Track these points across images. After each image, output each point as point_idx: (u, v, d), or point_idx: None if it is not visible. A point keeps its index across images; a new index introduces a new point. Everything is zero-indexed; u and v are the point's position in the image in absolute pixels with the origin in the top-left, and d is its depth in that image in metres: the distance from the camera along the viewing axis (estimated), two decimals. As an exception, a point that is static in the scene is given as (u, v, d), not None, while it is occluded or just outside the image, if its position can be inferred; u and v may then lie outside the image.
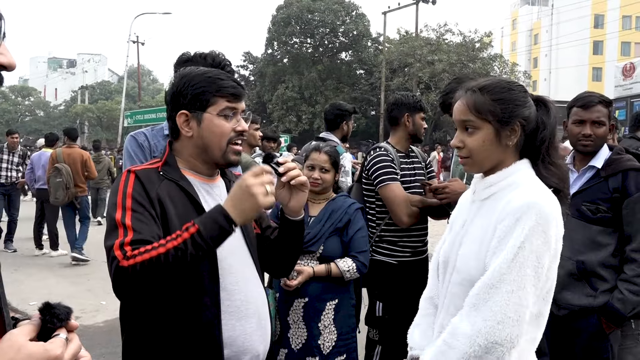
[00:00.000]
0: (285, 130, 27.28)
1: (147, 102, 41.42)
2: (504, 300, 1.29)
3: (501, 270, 1.30)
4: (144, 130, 2.45)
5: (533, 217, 1.31)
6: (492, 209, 1.42)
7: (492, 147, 1.44)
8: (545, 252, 1.32)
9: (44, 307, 0.86)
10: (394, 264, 2.86)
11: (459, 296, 1.42)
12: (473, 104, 1.44)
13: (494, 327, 1.28)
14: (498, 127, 1.43)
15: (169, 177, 1.49)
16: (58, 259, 7.61)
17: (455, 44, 25.79)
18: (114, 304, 5.31)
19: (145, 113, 24.61)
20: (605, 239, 2.30)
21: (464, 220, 1.53)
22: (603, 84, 42.37)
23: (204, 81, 1.50)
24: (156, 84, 68.92)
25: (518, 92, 1.46)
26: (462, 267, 1.44)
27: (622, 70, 18.63)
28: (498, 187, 1.45)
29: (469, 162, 1.48)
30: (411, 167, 2.98)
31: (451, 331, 1.36)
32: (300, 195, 1.59)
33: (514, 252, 1.30)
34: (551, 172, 1.44)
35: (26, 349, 0.80)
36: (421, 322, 1.64)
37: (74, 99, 56.64)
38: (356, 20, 30.56)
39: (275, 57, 32.18)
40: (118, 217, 1.39)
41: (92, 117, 46.73)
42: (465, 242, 1.47)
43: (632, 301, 2.20)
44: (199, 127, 1.50)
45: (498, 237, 1.35)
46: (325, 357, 2.47)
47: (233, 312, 1.49)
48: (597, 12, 46.01)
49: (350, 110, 3.94)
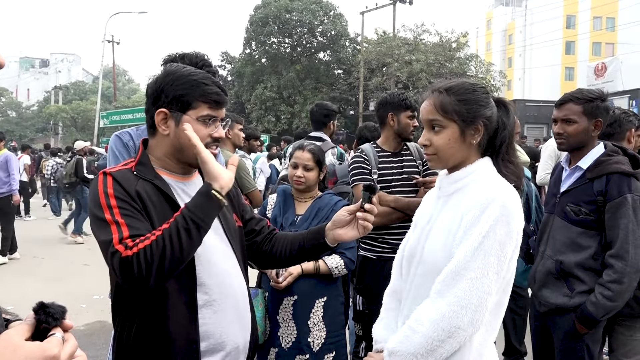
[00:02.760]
0: (264, 130, 27.13)
1: (123, 102, 40.82)
2: (467, 286, 1.34)
3: (466, 258, 1.35)
4: (128, 130, 2.43)
5: (497, 208, 1.37)
6: (457, 202, 1.48)
7: (457, 145, 1.50)
8: (508, 242, 1.38)
9: (39, 306, 0.85)
10: (373, 259, 2.90)
11: (424, 287, 1.46)
12: (440, 104, 1.51)
13: (457, 312, 1.33)
14: (463, 126, 1.49)
15: (143, 176, 1.49)
16: (34, 261, 7.46)
17: (432, 44, 25.99)
18: (93, 307, 5.25)
19: (121, 113, 24.29)
20: (586, 241, 2.26)
21: (429, 215, 1.57)
22: (575, 83, 43.26)
23: (188, 83, 1.49)
24: (132, 84, 67.95)
25: (481, 93, 1.53)
26: (429, 258, 1.49)
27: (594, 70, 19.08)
28: (463, 183, 1.51)
29: (435, 159, 1.55)
30: (399, 167, 2.98)
31: (416, 317, 1.41)
32: (354, 233, 1.61)
33: (479, 241, 1.35)
34: (509, 169, 1.52)
35: (23, 349, 0.78)
36: (384, 316, 1.68)
37: (47, 99, 55.45)
38: (334, 20, 30.58)
39: (253, 57, 31.99)
40: (107, 217, 1.38)
41: (66, 118, 45.80)
42: (432, 235, 1.51)
43: (605, 306, 2.17)
44: (176, 128, 1.49)
45: (464, 227, 1.40)
46: (315, 354, 2.47)
47: (210, 306, 1.49)
48: (569, 13, 46.99)
49: (336, 110, 4.04)
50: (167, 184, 1.52)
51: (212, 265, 1.51)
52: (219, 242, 1.57)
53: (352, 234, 1.60)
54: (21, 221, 11.70)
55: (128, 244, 1.33)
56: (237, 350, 1.55)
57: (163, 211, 1.46)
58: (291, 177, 2.65)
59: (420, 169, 3.03)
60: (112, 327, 1.60)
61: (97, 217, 1.40)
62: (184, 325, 1.44)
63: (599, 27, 45.96)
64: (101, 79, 30.98)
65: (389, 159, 2.98)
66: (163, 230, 1.36)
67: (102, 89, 32.07)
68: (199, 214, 1.38)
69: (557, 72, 47.51)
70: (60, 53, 74.68)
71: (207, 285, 1.49)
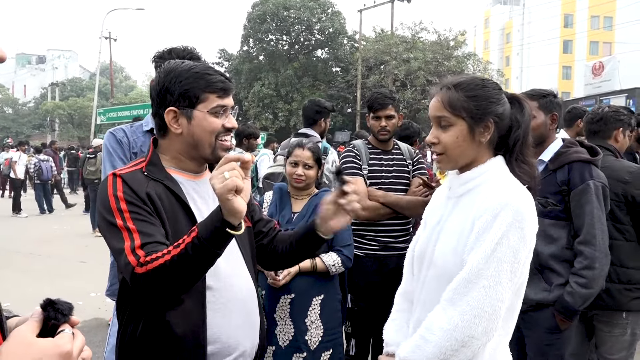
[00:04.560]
0: (262, 127, 27.07)
1: (120, 99, 40.61)
2: (481, 294, 1.30)
3: (479, 266, 1.32)
4: (123, 127, 2.42)
5: (510, 213, 1.33)
6: (469, 205, 1.44)
7: (466, 143, 1.45)
8: (521, 248, 1.34)
9: (47, 303, 0.85)
10: (361, 256, 2.90)
11: (435, 291, 1.43)
12: (447, 100, 1.46)
13: (471, 321, 1.30)
14: (471, 123, 1.44)
15: (154, 177, 1.47)
16: (30, 259, 7.44)
17: (430, 42, 26.01)
18: (90, 305, 5.24)
19: (118, 110, 24.18)
20: (557, 232, 2.30)
21: (439, 216, 1.54)
22: (572, 82, 43.40)
23: (191, 77, 1.46)
24: (129, 81, 67.73)
25: (492, 89, 1.48)
26: (439, 261, 1.45)
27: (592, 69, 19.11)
28: (474, 184, 1.46)
29: (444, 159, 1.50)
30: (389, 164, 2.99)
31: (428, 325, 1.37)
32: (345, 219, 1.57)
33: (492, 248, 1.32)
34: (523, 170, 1.47)
35: (37, 345, 0.79)
36: (396, 317, 1.65)
37: (43, 95, 55.15)
38: (332, 17, 30.54)
39: (251, 54, 31.95)
40: (119, 222, 1.37)
41: (63, 115, 45.58)
42: (442, 237, 1.47)
43: (582, 294, 2.18)
44: (189, 124, 1.47)
45: (476, 232, 1.36)
46: (313, 352, 2.47)
47: (218, 309, 1.47)
48: (566, 11, 47.06)
49: (329, 108, 3.94)
50: (177, 183, 1.50)
51: (220, 268, 1.48)
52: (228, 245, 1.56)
53: (343, 221, 1.57)
54: (15, 218, 11.68)
55: (140, 260, 1.32)
56: (245, 355, 1.54)
57: (174, 212, 1.44)
58: (291, 175, 2.65)
59: (410, 169, 3.04)
60: (108, 324, 1.60)
61: (108, 221, 1.38)
62: (191, 328, 1.43)
63: (596, 26, 46.04)
64: (98, 75, 30.87)
65: (380, 156, 3.00)
66: (174, 255, 1.31)
67: (99, 85, 31.96)
68: (208, 244, 1.30)
69: (555, 71, 47.57)
70: (57, 49, 74.30)
71: (215, 289, 1.48)
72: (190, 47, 2.32)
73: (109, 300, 3.10)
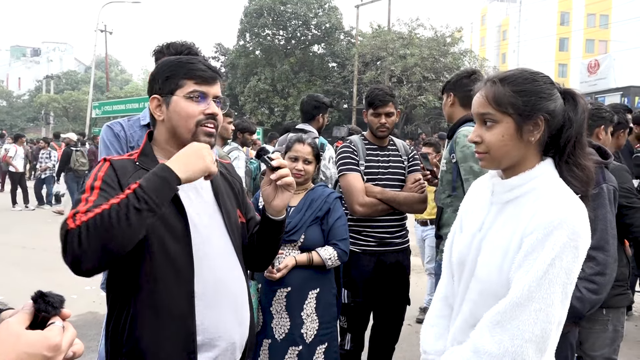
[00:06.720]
0: (258, 122, 27.04)
1: (116, 92, 40.42)
2: (532, 318, 1.21)
3: (530, 288, 1.22)
4: (120, 121, 2.42)
5: (565, 232, 1.22)
6: (516, 216, 1.33)
7: (512, 142, 1.33)
8: (575, 268, 1.25)
9: (38, 295, 0.85)
10: (358, 252, 2.90)
11: (478, 305, 1.36)
12: (492, 95, 1.34)
13: (522, 346, 1.21)
14: (519, 120, 1.31)
15: (145, 167, 1.48)
16: (24, 252, 7.41)
17: (426, 38, 26.01)
18: (84, 298, 5.22)
19: (114, 104, 24.09)
20: None
21: (480, 222, 1.43)
22: (568, 79, 43.47)
23: (174, 66, 1.52)
24: (124, 75, 67.49)
25: (543, 83, 1.35)
26: (483, 276, 1.36)
27: (587, 67, 19.14)
28: (521, 191, 1.35)
29: (487, 158, 1.37)
30: (385, 160, 3.00)
31: (474, 349, 1.27)
32: (285, 195, 1.63)
33: (544, 270, 1.21)
34: (575, 174, 1.33)
35: (26, 337, 0.78)
36: (436, 323, 1.57)
37: (38, 88, 54.86)
38: (329, 13, 30.46)
39: (247, 49, 31.83)
40: (84, 196, 1.37)
41: (57, 108, 45.33)
42: (486, 248, 1.37)
43: (591, 300, 2.12)
44: (167, 110, 1.51)
45: (525, 251, 1.25)
46: (308, 345, 2.48)
47: (207, 300, 1.48)
48: (563, 9, 47.13)
49: (327, 104, 3.93)
50: None
51: (210, 259, 1.49)
52: (219, 236, 1.56)
53: (284, 198, 1.62)
54: (10, 212, 11.63)
55: (76, 217, 1.27)
56: (234, 347, 1.54)
57: None
58: (290, 170, 2.65)
59: (405, 165, 3.05)
60: (103, 318, 1.59)
61: (80, 195, 1.40)
62: (181, 316, 1.43)
63: (592, 24, 46.14)
64: (93, 68, 30.67)
65: (376, 152, 3.01)
66: (111, 205, 1.28)
67: (95, 79, 31.77)
68: (152, 196, 1.31)
69: (551, 69, 47.65)
70: (52, 42, 73.91)
71: (204, 279, 1.48)
72: (189, 43, 2.32)
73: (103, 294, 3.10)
